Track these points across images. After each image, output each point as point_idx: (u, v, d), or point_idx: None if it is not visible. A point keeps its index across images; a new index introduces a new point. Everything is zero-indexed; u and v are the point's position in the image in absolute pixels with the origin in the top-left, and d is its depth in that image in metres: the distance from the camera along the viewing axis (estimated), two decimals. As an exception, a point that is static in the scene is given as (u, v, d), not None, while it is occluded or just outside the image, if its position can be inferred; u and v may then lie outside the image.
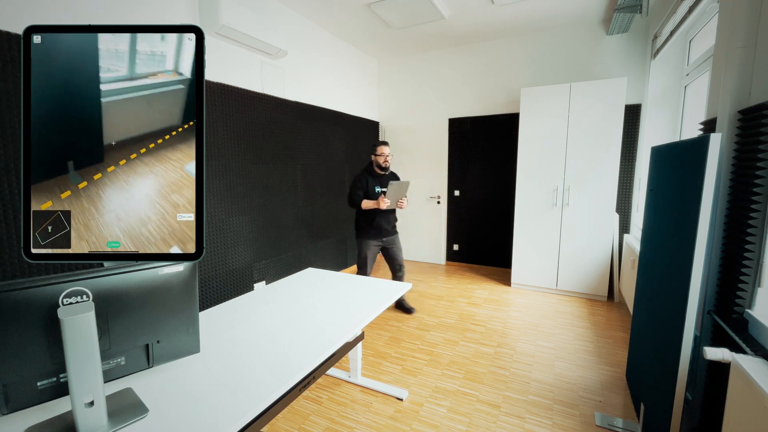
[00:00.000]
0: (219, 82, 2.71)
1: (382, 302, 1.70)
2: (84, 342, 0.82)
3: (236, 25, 2.54)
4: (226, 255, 2.86)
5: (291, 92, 3.45)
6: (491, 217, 4.50)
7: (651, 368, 1.68)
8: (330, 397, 2.08)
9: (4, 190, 1.71)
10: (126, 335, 0.98)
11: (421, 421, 1.88)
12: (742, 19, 1.45)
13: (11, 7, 1.73)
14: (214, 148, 2.71)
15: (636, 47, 3.55)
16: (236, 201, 2.92)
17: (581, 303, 3.46)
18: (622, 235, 3.62)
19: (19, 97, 1.72)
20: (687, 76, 2.80)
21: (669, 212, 1.62)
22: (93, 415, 0.86)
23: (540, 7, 3.38)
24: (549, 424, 1.85)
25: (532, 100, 3.58)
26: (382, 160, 2.96)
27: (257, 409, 0.96)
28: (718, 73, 1.63)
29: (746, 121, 1.41)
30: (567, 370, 2.32)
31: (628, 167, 3.63)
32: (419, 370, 2.35)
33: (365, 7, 3.32)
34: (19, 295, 0.82)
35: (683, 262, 1.37)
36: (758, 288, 1.34)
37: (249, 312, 1.62)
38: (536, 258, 3.75)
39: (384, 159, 2.96)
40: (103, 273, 0.92)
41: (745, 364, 1.12)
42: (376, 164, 2.99)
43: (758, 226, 1.31)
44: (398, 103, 4.94)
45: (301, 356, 1.22)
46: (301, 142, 3.59)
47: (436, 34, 4.03)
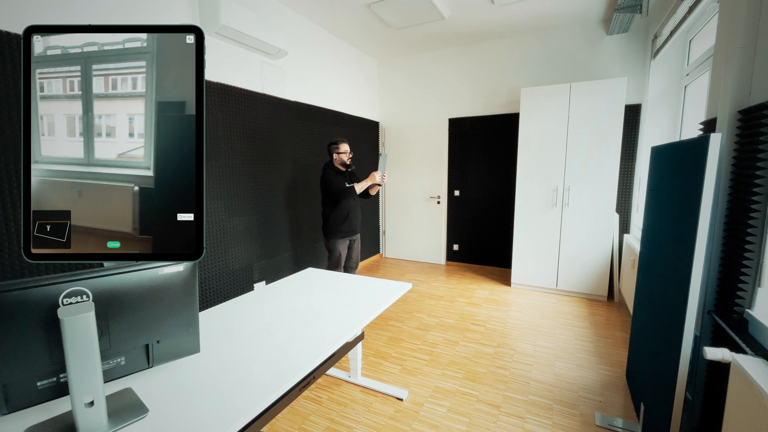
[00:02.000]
0: (219, 82, 2.71)
1: (382, 302, 1.70)
2: (84, 342, 0.82)
3: (236, 25, 2.54)
4: (226, 255, 2.86)
5: (291, 92, 3.45)
6: (491, 217, 4.50)
7: (651, 368, 1.68)
8: (330, 397, 2.08)
9: (4, 190, 1.71)
10: (126, 335, 0.98)
11: (421, 421, 1.88)
12: (742, 19, 1.45)
13: (11, 7, 1.72)
14: (214, 148, 2.71)
15: (636, 47, 3.55)
16: (236, 201, 2.92)
17: (581, 303, 3.46)
18: (622, 235, 3.62)
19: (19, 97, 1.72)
20: (687, 76, 2.80)
21: (669, 212, 1.62)
22: (93, 415, 0.86)
23: (540, 7, 3.38)
24: (549, 424, 1.85)
25: (532, 100, 3.58)
26: (346, 157, 2.92)
27: (257, 409, 0.96)
28: (718, 73, 1.63)
29: (746, 121, 1.41)
30: (567, 370, 2.32)
31: (628, 167, 3.63)
32: (419, 370, 2.35)
33: (365, 7, 3.32)
34: (19, 295, 0.82)
35: (683, 262, 1.37)
36: (758, 288, 1.34)
37: (249, 312, 1.62)
38: (536, 258, 3.75)
39: (347, 156, 2.93)
40: (103, 273, 0.92)
41: (745, 364, 1.12)
42: (340, 162, 2.93)
43: (758, 226, 1.31)
44: (398, 103, 4.94)
45: (301, 356, 1.22)
46: (301, 142, 3.59)
47: (436, 34, 4.03)
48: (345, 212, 2.92)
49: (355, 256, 3.12)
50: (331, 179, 2.85)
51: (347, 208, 2.92)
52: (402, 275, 4.45)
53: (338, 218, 2.91)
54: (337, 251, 2.96)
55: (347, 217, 2.93)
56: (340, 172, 2.94)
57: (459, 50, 4.43)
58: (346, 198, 2.87)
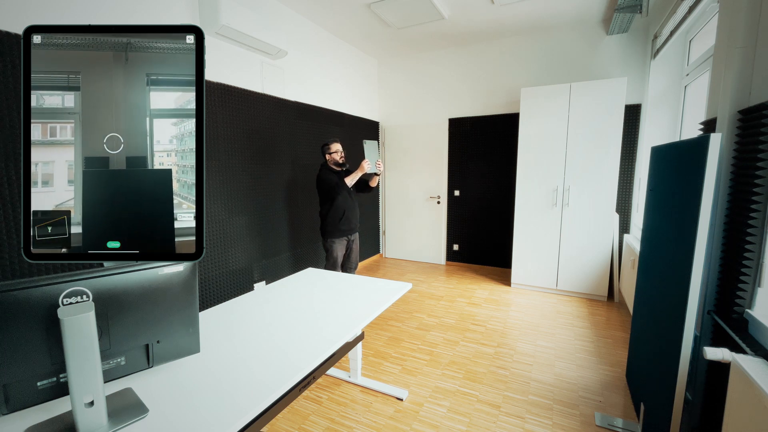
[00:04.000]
0: (219, 82, 2.71)
1: (382, 302, 1.70)
2: (84, 342, 0.82)
3: (236, 25, 2.54)
4: (226, 255, 2.86)
5: (291, 92, 3.45)
6: (491, 217, 4.50)
7: (651, 368, 1.68)
8: (330, 397, 2.08)
9: (4, 190, 1.71)
10: (126, 335, 0.98)
11: (421, 421, 1.88)
12: (742, 19, 1.45)
13: (11, 7, 1.73)
14: (214, 148, 2.71)
15: (636, 47, 3.55)
16: (236, 201, 2.92)
17: (581, 303, 3.46)
18: (622, 235, 3.63)
19: (19, 96, 1.72)
20: (687, 76, 2.80)
21: (669, 212, 1.62)
22: (93, 415, 0.86)
23: (540, 7, 3.38)
24: (549, 424, 1.85)
25: (532, 100, 3.58)
26: (338, 156, 2.92)
27: (257, 409, 0.96)
28: (718, 73, 1.63)
29: (746, 121, 1.41)
30: (567, 370, 2.32)
31: (628, 167, 3.63)
32: (419, 370, 2.35)
33: (365, 7, 3.32)
34: (19, 295, 0.82)
35: (683, 262, 1.37)
36: (758, 288, 1.35)
37: (249, 312, 1.62)
38: (536, 258, 3.75)
39: (340, 155, 2.92)
40: (103, 273, 0.92)
41: (745, 364, 1.12)
42: (333, 162, 2.93)
43: (758, 226, 1.31)
44: (398, 103, 4.94)
45: (301, 356, 1.22)
46: (301, 142, 3.59)
47: (436, 34, 4.03)
48: (341, 210, 2.91)
49: (354, 256, 3.11)
50: (325, 178, 2.85)
51: (344, 206, 2.91)
52: (402, 275, 4.45)
53: (335, 217, 2.90)
54: (334, 251, 2.95)
55: (344, 215, 2.92)
56: (334, 171, 2.94)
57: (459, 50, 4.43)
58: (340, 193, 2.85)
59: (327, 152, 2.93)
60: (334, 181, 2.80)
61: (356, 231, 3.09)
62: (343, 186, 2.79)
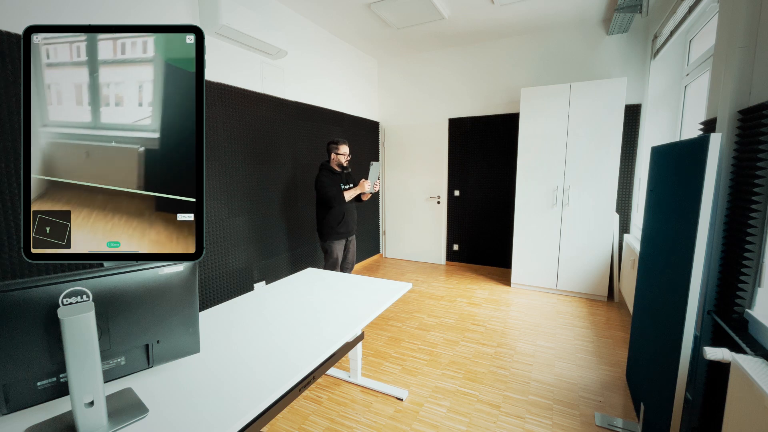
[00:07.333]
0: (219, 82, 2.71)
1: (382, 302, 1.70)
2: (84, 342, 0.82)
3: (236, 25, 2.54)
4: (226, 255, 2.86)
5: (291, 92, 3.45)
6: (491, 217, 4.50)
7: (651, 368, 1.68)
8: (330, 397, 2.08)
9: (4, 190, 1.71)
10: (126, 335, 0.98)
11: (421, 421, 1.88)
12: (742, 19, 1.45)
13: (11, 7, 1.72)
14: (214, 148, 2.71)
15: (636, 47, 3.55)
16: (236, 201, 2.92)
17: (581, 303, 3.46)
18: (622, 235, 3.63)
19: (19, 96, 1.72)
20: (687, 76, 2.80)
21: (669, 212, 1.62)
22: (93, 415, 0.86)
23: (540, 7, 3.38)
24: (549, 424, 1.85)
25: (531, 100, 3.58)
26: (344, 159, 2.91)
27: (257, 409, 0.96)
28: (718, 73, 1.63)
29: (746, 121, 1.41)
30: (567, 370, 2.32)
31: (628, 167, 3.63)
32: (419, 370, 2.35)
33: (365, 7, 3.32)
34: (19, 295, 0.82)
35: (683, 262, 1.37)
36: (758, 288, 1.34)
37: (249, 312, 1.62)
38: (536, 258, 3.75)
39: (345, 158, 2.92)
40: (103, 273, 0.92)
41: (745, 364, 1.12)
42: (337, 163, 2.91)
43: (758, 226, 1.31)
44: (398, 103, 4.94)
45: (300, 356, 1.22)
46: (300, 141, 3.59)
47: (436, 34, 4.03)
48: (340, 214, 2.91)
49: (351, 256, 3.12)
50: (325, 182, 2.83)
51: (342, 209, 2.92)
52: (402, 275, 4.45)
53: (334, 220, 2.90)
54: (334, 252, 2.96)
55: (343, 218, 2.93)
56: (335, 172, 2.93)
57: (459, 50, 4.43)
58: (335, 206, 2.86)
59: (334, 151, 2.91)
60: (332, 194, 2.80)
61: (354, 233, 3.09)
62: (341, 201, 2.82)
